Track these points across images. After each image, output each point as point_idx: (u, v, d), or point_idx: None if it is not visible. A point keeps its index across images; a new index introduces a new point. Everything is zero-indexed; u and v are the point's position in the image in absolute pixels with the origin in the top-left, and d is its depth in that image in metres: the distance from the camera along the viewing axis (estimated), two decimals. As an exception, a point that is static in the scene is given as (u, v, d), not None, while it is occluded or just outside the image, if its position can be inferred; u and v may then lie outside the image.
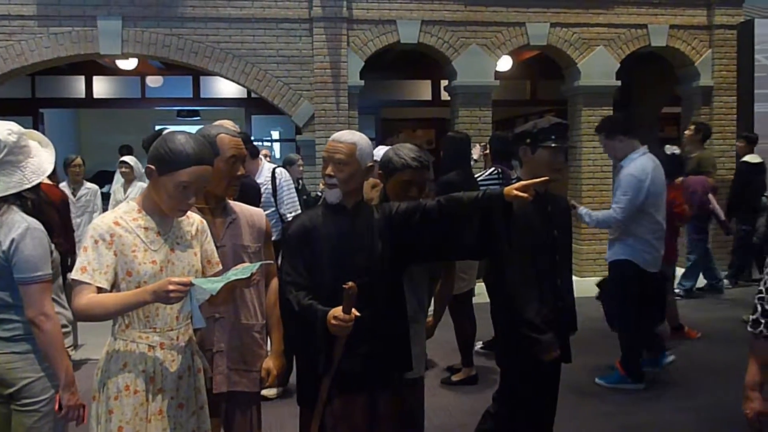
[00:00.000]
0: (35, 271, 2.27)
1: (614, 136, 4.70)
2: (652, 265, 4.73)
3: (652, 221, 4.67)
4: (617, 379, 4.92)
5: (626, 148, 4.69)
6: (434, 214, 2.54)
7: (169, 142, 2.15)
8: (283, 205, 5.25)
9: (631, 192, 4.56)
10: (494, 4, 8.93)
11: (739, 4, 9.52)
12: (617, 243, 4.74)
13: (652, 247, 4.69)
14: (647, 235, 4.66)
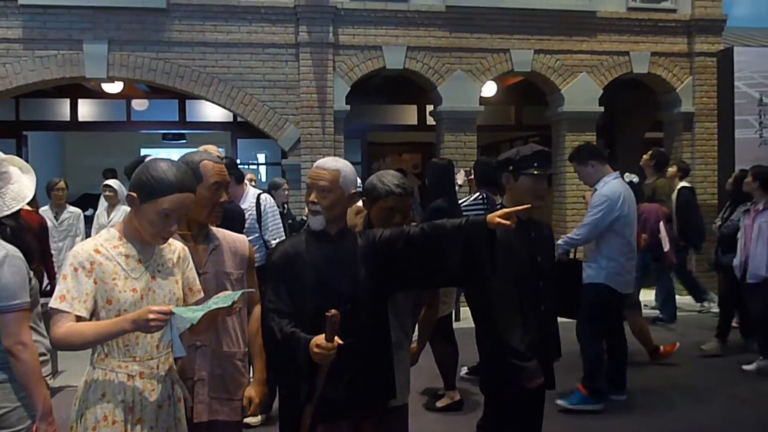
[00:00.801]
0: (13, 300, 2.24)
1: (586, 163, 4.85)
2: (625, 287, 4.82)
3: (624, 243, 4.76)
4: (579, 400, 4.92)
5: (598, 173, 4.83)
6: (418, 241, 2.54)
7: (151, 170, 2.14)
8: (267, 231, 5.23)
9: (599, 212, 4.67)
10: (479, 31, 9.03)
11: (718, 32, 9.69)
12: (592, 266, 4.79)
13: (623, 268, 4.77)
14: (619, 257, 4.74)
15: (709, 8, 9.59)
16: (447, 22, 8.95)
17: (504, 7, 9.03)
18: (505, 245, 2.74)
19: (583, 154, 4.89)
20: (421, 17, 8.87)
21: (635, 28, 9.46)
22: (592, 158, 4.85)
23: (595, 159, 4.85)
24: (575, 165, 4.95)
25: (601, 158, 4.88)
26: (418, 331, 3.39)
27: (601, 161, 4.86)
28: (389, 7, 8.78)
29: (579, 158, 4.91)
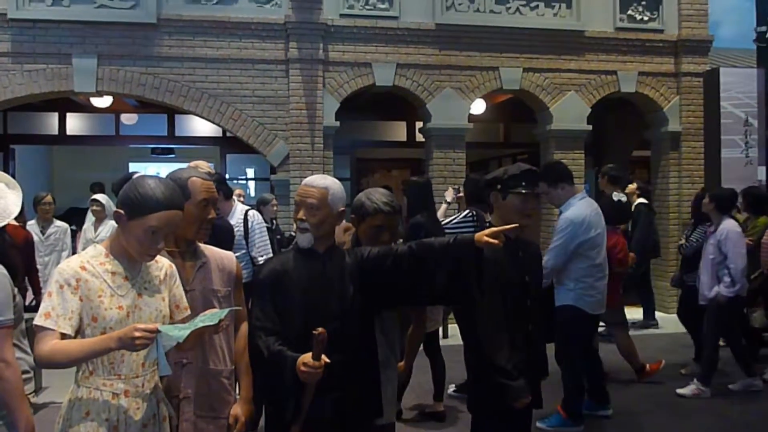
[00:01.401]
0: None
1: (557, 185, 4.79)
2: (596, 308, 4.80)
3: (592, 264, 4.73)
4: (558, 422, 4.91)
5: (567, 195, 4.80)
6: (405, 260, 2.55)
7: (139, 187, 2.14)
8: (254, 247, 5.23)
9: (562, 237, 4.65)
10: (468, 49, 9.10)
11: (704, 53, 9.81)
12: (561, 288, 4.76)
13: (593, 289, 4.75)
14: (587, 278, 4.72)
15: (696, 29, 9.71)
16: (436, 40, 9.01)
17: (493, 26, 9.11)
18: (493, 264, 2.75)
19: (553, 176, 4.81)
20: (410, 35, 8.93)
21: (623, 48, 9.56)
22: (561, 180, 4.79)
23: (565, 181, 4.79)
24: (544, 185, 4.79)
25: (570, 179, 4.84)
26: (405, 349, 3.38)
27: (570, 182, 4.83)
28: (379, 25, 8.83)
29: (548, 179, 4.81)
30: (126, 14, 8.30)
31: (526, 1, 9.27)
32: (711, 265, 5.76)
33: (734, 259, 5.59)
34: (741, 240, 5.70)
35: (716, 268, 5.71)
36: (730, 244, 5.61)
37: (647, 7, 9.67)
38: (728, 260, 5.61)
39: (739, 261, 5.58)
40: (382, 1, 8.90)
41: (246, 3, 8.63)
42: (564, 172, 4.87)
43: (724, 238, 5.66)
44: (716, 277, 5.71)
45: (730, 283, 5.62)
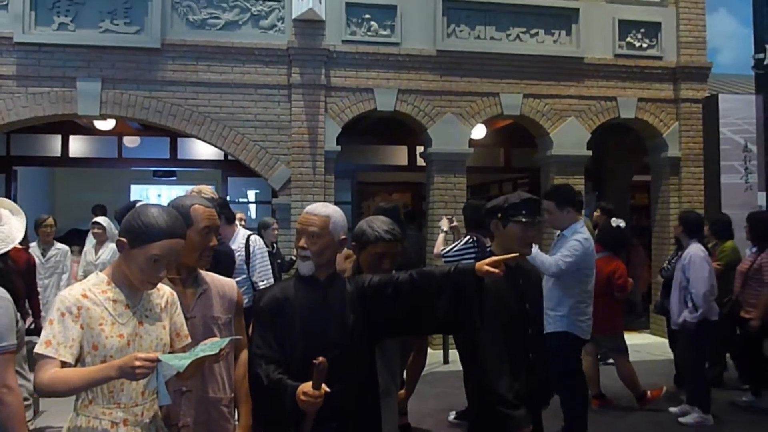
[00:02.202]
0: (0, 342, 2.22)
1: (564, 207, 4.81)
2: (587, 333, 4.81)
3: (586, 290, 4.76)
4: None
5: (570, 219, 4.82)
6: (406, 288, 2.56)
7: (142, 215, 2.15)
8: (255, 272, 5.24)
9: (577, 256, 4.64)
10: (469, 75, 9.17)
11: (703, 79, 9.88)
12: (553, 315, 4.72)
13: (585, 314, 4.76)
14: (580, 305, 4.73)
15: (694, 56, 9.80)
16: (437, 66, 9.09)
17: (493, 53, 9.19)
18: (494, 292, 2.75)
19: (563, 198, 4.83)
20: (412, 61, 9.00)
21: (622, 75, 9.63)
22: (569, 204, 4.81)
23: (572, 206, 4.82)
24: (551, 205, 4.83)
25: (576, 206, 4.86)
26: (406, 378, 3.38)
27: (576, 209, 4.85)
28: (381, 51, 8.91)
29: (558, 200, 4.83)
30: (131, 39, 8.38)
31: (526, 28, 9.36)
32: (678, 290, 5.77)
33: (695, 283, 5.57)
34: (703, 264, 5.63)
35: (683, 293, 5.71)
36: (692, 269, 5.61)
37: (646, 34, 9.76)
38: (690, 285, 5.62)
39: (700, 286, 5.54)
40: (383, 28, 8.99)
41: (249, 29, 8.72)
42: (573, 197, 4.88)
43: (687, 263, 5.68)
44: (684, 302, 5.70)
45: (692, 308, 5.61)
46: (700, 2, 9.92)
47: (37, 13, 8.25)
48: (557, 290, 4.73)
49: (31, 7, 8.21)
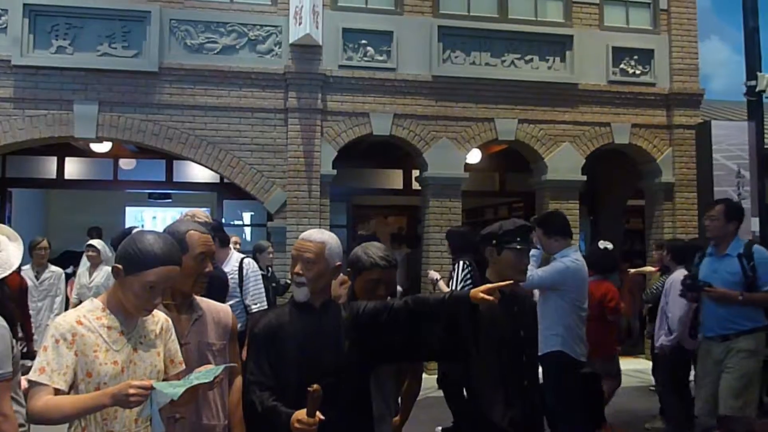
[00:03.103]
0: None
1: (552, 236, 4.80)
2: (581, 355, 4.76)
3: (579, 313, 4.72)
4: None
5: (561, 247, 4.79)
6: (401, 315, 2.56)
7: (138, 242, 2.16)
8: (248, 296, 5.23)
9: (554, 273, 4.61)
10: (464, 101, 9.25)
11: (696, 106, 9.98)
12: (548, 335, 4.61)
13: (579, 338, 4.72)
14: (576, 328, 4.68)
15: (687, 83, 9.91)
16: (433, 92, 9.16)
17: (488, 78, 9.27)
18: (488, 319, 2.75)
19: (552, 228, 4.83)
20: (407, 86, 9.08)
21: (616, 101, 9.73)
22: (558, 233, 4.81)
23: (561, 235, 4.81)
24: (540, 233, 4.79)
25: (564, 235, 4.84)
26: (401, 404, 3.36)
27: (566, 238, 4.83)
28: (377, 76, 8.99)
29: (546, 229, 4.83)
30: (128, 62, 8.44)
31: (521, 54, 9.46)
32: (660, 315, 5.82)
33: (672, 307, 5.59)
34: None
35: (663, 317, 5.73)
36: (672, 293, 5.62)
37: (639, 61, 9.87)
38: (667, 308, 5.66)
39: (676, 309, 5.54)
40: (380, 53, 9.07)
41: (247, 53, 8.79)
42: (564, 227, 4.86)
43: (669, 287, 5.72)
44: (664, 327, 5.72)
45: (667, 331, 5.63)
46: (693, 30, 10.06)
47: (35, 37, 8.32)
48: (551, 310, 4.71)
49: (29, 30, 8.27)
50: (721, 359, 4.66)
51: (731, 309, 4.67)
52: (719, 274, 4.78)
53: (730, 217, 4.80)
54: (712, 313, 4.79)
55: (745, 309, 4.68)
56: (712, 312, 4.80)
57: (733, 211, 4.85)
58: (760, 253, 4.73)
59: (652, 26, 10.05)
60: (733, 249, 4.77)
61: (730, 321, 4.68)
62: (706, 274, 4.85)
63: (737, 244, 4.79)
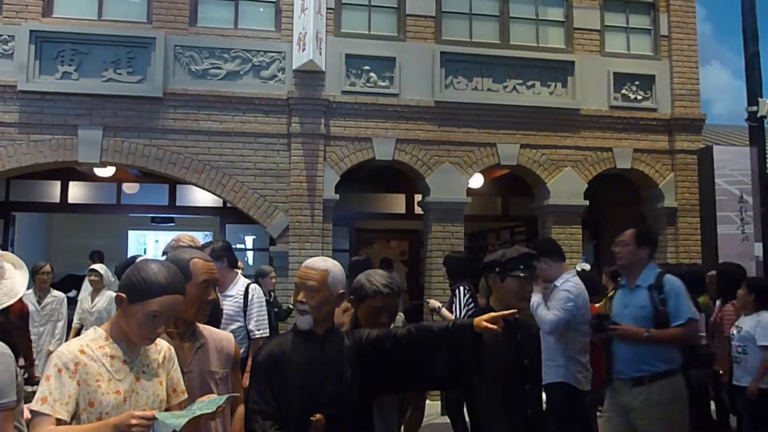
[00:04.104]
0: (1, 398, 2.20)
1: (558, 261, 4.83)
2: (585, 384, 4.73)
3: (582, 340, 4.70)
4: None
5: (561, 270, 4.82)
6: (404, 343, 2.56)
7: (142, 271, 2.16)
8: (252, 321, 5.19)
9: (568, 309, 4.58)
10: (466, 126, 9.29)
11: (698, 131, 10.02)
12: (551, 366, 4.63)
13: (582, 366, 4.69)
14: (579, 356, 4.66)
15: (688, 108, 9.95)
16: (435, 117, 9.21)
17: (490, 104, 9.33)
18: (492, 348, 2.74)
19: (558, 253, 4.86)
20: (410, 111, 9.13)
21: (618, 126, 9.77)
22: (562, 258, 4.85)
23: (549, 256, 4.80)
24: (546, 259, 4.76)
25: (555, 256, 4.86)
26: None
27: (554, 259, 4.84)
28: (379, 101, 9.04)
29: (555, 256, 4.84)
30: (133, 88, 8.50)
31: (523, 80, 9.52)
32: None
33: None
34: None
35: None
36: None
37: (641, 86, 9.93)
38: None
39: None
40: (382, 79, 9.14)
41: (250, 79, 8.86)
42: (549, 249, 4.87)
43: None
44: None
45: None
46: (693, 56, 10.13)
47: (41, 62, 8.39)
48: (553, 340, 4.69)
49: (35, 56, 8.35)
50: (632, 407, 4.03)
51: (642, 348, 4.04)
52: (630, 309, 4.21)
53: (641, 242, 4.27)
54: (621, 353, 4.13)
55: (658, 348, 4.05)
56: (621, 352, 4.13)
57: (645, 237, 4.33)
58: (670, 284, 4.13)
59: (653, 52, 10.12)
60: (643, 280, 4.20)
61: (641, 362, 4.03)
62: (618, 309, 4.33)
63: (648, 274, 4.21)
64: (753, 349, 5.35)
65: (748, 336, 5.41)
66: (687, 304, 4.06)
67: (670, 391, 3.97)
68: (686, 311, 4.01)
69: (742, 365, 5.45)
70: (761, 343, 5.29)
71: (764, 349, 5.28)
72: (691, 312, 4.03)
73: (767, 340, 5.28)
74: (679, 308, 4.01)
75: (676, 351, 4.11)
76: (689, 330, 4.05)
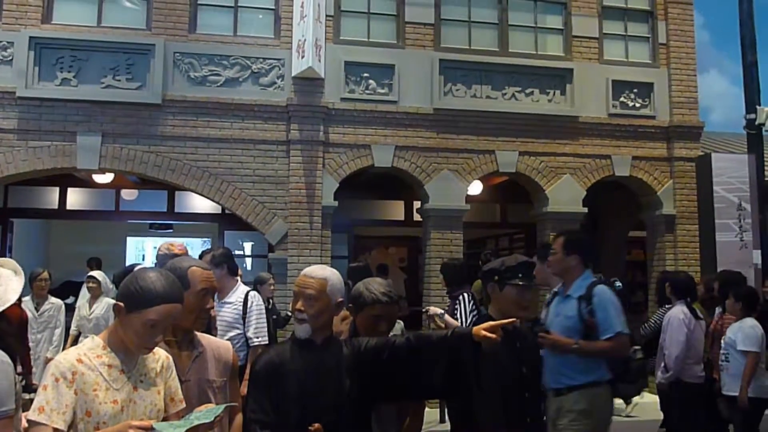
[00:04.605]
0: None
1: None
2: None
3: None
4: None
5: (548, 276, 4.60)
6: (403, 352, 2.54)
7: (140, 280, 2.15)
8: (251, 328, 5.19)
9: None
10: (465, 133, 9.30)
11: (696, 138, 10.04)
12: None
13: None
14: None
15: (687, 115, 9.97)
16: (434, 124, 9.22)
17: (489, 111, 9.34)
18: (491, 357, 2.73)
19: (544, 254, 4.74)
20: (409, 118, 9.14)
21: (616, 133, 9.78)
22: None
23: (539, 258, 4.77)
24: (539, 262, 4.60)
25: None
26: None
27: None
28: (378, 108, 9.05)
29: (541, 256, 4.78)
30: (132, 94, 8.51)
31: (521, 87, 9.54)
32: (659, 351, 5.76)
33: (669, 345, 5.55)
34: (681, 327, 5.55)
35: (662, 355, 5.70)
36: (669, 330, 5.59)
37: (639, 94, 9.95)
38: (665, 346, 5.61)
39: (673, 348, 5.50)
40: (381, 86, 9.15)
41: (250, 86, 8.87)
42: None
43: (666, 324, 5.67)
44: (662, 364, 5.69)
45: (663, 368, 5.58)
46: (692, 64, 10.16)
47: (40, 69, 8.40)
48: None
49: (35, 62, 8.36)
50: (554, 417, 3.87)
51: (565, 359, 3.84)
52: (559, 318, 4.04)
53: (570, 250, 4.08)
54: (547, 363, 3.81)
55: (582, 360, 3.84)
56: (547, 362, 3.81)
57: (574, 244, 4.12)
58: (600, 295, 3.89)
59: (652, 60, 10.15)
60: (575, 289, 4.00)
61: (561, 373, 3.84)
62: (551, 317, 4.15)
63: (582, 283, 4.00)
64: (734, 356, 5.36)
65: (731, 342, 5.43)
66: (617, 317, 3.84)
67: (583, 403, 3.78)
68: (616, 325, 3.80)
69: (725, 372, 5.48)
70: (741, 348, 5.30)
71: (744, 354, 5.28)
72: (621, 326, 3.82)
73: (746, 345, 5.29)
74: (608, 321, 3.80)
75: (601, 364, 3.89)
76: (617, 344, 3.83)
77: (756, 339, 5.29)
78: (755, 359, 5.25)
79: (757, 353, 5.25)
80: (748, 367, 5.23)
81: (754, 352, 5.24)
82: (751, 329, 5.33)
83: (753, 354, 5.24)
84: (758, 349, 5.26)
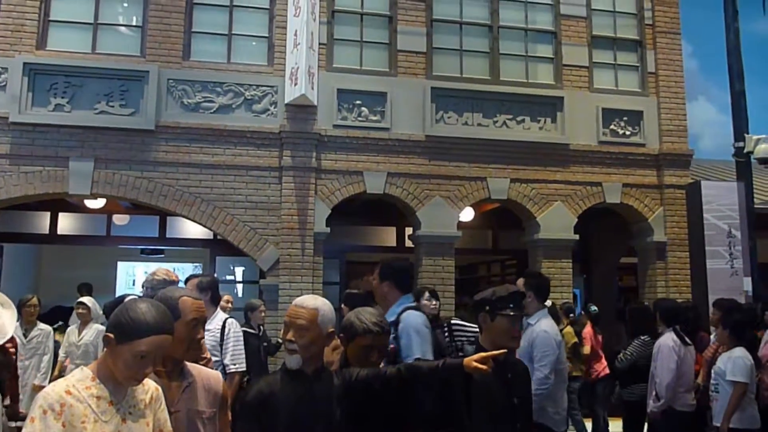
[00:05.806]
0: None
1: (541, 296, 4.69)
2: (560, 425, 4.58)
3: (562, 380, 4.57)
4: None
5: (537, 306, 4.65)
6: (394, 383, 2.54)
7: (130, 311, 2.15)
8: (227, 355, 5.17)
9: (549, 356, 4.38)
10: (457, 160, 9.35)
11: (686, 166, 10.12)
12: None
13: (559, 405, 4.54)
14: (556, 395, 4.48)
15: (676, 143, 10.07)
16: (426, 151, 9.28)
17: (481, 138, 9.41)
18: (482, 387, 2.74)
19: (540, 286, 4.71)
20: (401, 145, 9.19)
21: (607, 161, 9.86)
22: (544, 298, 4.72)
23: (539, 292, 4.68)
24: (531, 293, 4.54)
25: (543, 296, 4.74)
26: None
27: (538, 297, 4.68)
28: (371, 135, 9.11)
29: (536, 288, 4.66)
30: (125, 120, 8.53)
31: (513, 115, 9.63)
32: (650, 380, 5.74)
33: (660, 373, 5.55)
34: (671, 355, 5.56)
35: (653, 383, 5.68)
36: (659, 358, 5.59)
37: (629, 122, 10.05)
38: (655, 374, 5.61)
39: (664, 375, 5.50)
40: (374, 114, 9.22)
41: (242, 112, 8.91)
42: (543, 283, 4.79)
43: (656, 352, 5.67)
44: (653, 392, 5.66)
45: (655, 397, 5.57)
46: (680, 92, 10.28)
47: (34, 94, 8.42)
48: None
49: (28, 88, 8.38)
50: None
51: None
52: None
53: (383, 276, 4.12)
54: None
55: None
56: None
57: (387, 271, 4.14)
58: (405, 321, 3.82)
59: (641, 88, 10.27)
60: (389, 315, 3.85)
61: None
62: None
63: (395, 309, 3.94)
64: (724, 386, 5.27)
65: (720, 372, 5.32)
66: (418, 343, 3.70)
67: None
68: (415, 350, 3.65)
69: (715, 402, 5.37)
70: (729, 378, 5.22)
71: (732, 384, 5.20)
72: (421, 352, 3.66)
73: (735, 375, 5.20)
74: (409, 347, 3.68)
75: None
76: None
77: (745, 369, 5.21)
78: (741, 390, 5.18)
79: (745, 384, 5.19)
80: (733, 398, 5.16)
81: (741, 383, 5.18)
82: (740, 359, 5.25)
83: (740, 384, 5.17)
84: (746, 379, 5.20)
